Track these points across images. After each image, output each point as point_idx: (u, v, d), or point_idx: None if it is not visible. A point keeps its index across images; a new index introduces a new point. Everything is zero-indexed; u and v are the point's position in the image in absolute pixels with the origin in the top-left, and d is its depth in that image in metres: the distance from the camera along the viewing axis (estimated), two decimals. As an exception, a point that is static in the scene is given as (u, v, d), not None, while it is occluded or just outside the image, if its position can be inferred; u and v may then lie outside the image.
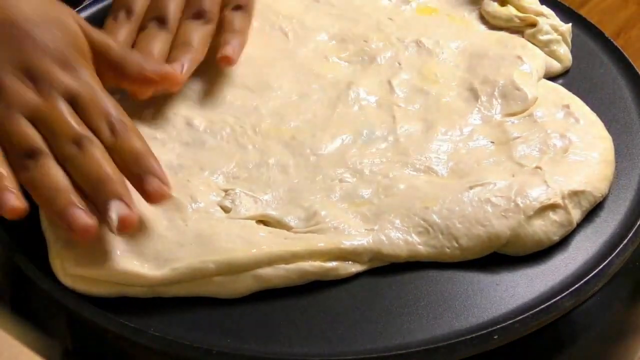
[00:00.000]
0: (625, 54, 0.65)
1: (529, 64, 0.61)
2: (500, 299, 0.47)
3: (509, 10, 0.67)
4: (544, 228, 0.50)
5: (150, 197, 0.48)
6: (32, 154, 0.47)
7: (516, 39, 0.65)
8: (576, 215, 0.51)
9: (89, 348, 0.47)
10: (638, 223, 0.51)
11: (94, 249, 0.47)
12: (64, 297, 0.46)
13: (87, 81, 0.51)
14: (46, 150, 0.48)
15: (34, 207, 0.51)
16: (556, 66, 0.64)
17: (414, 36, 0.65)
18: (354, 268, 0.48)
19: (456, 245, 0.49)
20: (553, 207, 0.50)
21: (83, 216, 0.45)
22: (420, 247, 0.49)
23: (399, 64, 0.62)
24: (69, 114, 0.49)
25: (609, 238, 0.51)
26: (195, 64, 0.58)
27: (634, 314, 0.54)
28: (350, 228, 0.49)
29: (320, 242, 0.48)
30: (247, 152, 0.55)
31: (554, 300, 0.46)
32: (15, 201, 0.45)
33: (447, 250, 0.49)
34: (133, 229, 0.47)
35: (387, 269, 0.49)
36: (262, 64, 0.62)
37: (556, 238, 0.50)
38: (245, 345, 0.44)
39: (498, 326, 0.45)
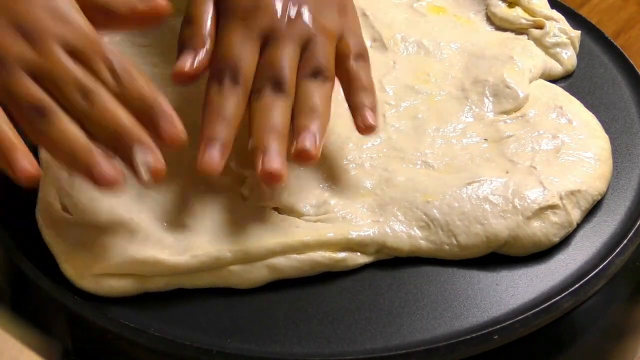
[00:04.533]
0: (625, 54, 0.65)
1: (521, 63, 0.61)
2: (500, 299, 0.47)
3: (517, 12, 0.66)
4: (544, 229, 0.50)
5: (165, 140, 0.46)
6: (41, 110, 0.44)
7: (519, 40, 0.65)
8: (576, 215, 0.51)
9: (89, 348, 0.47)
10: (638, 223, 0.51)
11: (111, 243, 0.47)
12: (64, 297, 0.46)
13: (82, 30, 0.47)
14: (55, 106, 0.45)
15: (33, 210, 0.51)
16: (558, 69, 0.64)
17: (417, 36, 0.64)
18: (361, 259, 0.49)
19: (455, 242, 0.49)
20: (552, 208, 0.50)
21: (110, 170, 0.44)
22: (421, 241, 0.49)
23: (394, 63, 0.62)
24: (70, 65, 0.46)
25: (609, 238, 0.51)
26: (325, 131, 0.50)
27: (634, 314, 0.54)
28: (358, 218, 0.50)
29: (329, 232, 0.49)
30: (247, 141, 0.54)
31: (554, 300, 0.46)
32: (29, 166, 0.43)
33: (446, 247, 0.49)
34: (162, 176, 0.45)
35: (387, 268, 0.49)
36: None
37: (556, 239, 0.50)
38: (245, 345, 0.44)
39: (498, 326, 0.45)
